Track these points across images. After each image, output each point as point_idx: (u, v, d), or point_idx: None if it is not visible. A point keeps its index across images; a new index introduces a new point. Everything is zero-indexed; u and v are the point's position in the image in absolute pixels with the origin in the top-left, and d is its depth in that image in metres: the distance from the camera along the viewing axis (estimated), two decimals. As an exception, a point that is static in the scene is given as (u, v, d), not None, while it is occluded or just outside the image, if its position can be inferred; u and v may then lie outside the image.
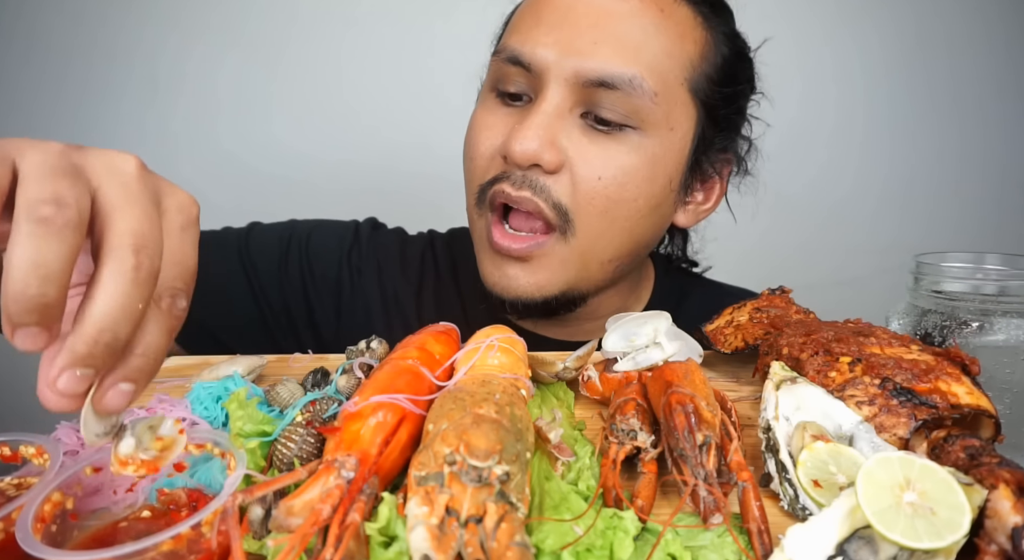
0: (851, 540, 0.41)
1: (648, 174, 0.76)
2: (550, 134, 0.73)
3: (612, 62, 0.72)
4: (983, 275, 0.66)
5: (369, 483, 0.44)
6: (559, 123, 0.74)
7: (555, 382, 0.69)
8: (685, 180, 0.83)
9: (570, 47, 0.73)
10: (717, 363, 0.78)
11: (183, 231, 0.39)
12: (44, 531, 0.41)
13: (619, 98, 0.73)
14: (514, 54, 0.76)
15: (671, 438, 0.51)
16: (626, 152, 0.75)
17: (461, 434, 0.44)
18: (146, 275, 0.35)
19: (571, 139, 0.75)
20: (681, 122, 0.78)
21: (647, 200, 0.78)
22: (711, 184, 0.90)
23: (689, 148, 0.81)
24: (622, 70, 0.72)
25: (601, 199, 0.75)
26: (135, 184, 0.37)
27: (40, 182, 0.33)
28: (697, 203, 0.90)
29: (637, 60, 0.73)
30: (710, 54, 0.80)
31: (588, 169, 0.74)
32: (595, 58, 0.72)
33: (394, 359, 0.59)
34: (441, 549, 0.37)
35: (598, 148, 0.75)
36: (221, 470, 0.49)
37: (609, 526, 0.44)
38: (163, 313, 0.37)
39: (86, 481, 0.47)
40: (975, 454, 0.45)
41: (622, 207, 0.76)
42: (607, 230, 0.77)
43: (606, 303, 0.93)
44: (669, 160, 0.78)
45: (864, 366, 0.55)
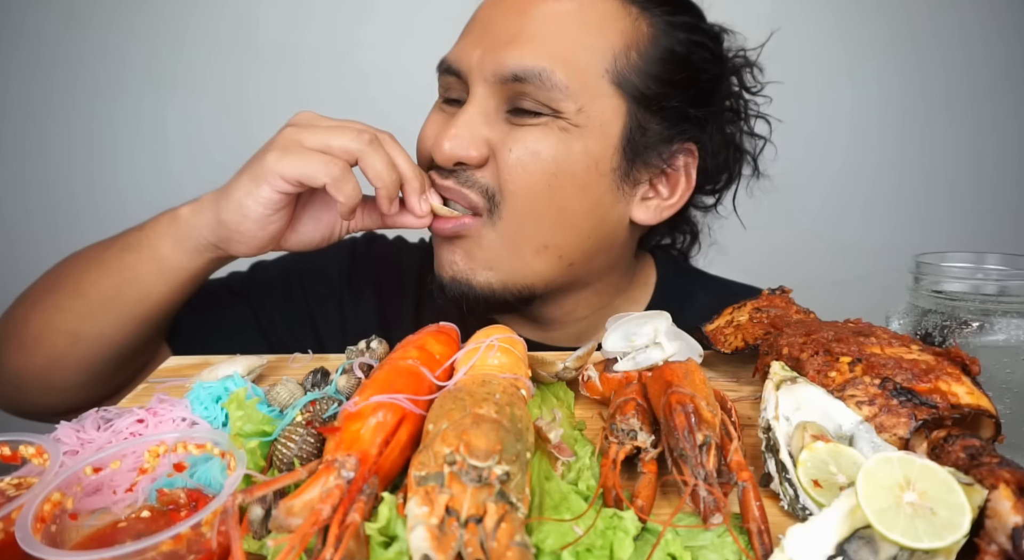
0: (851, 540, 0.41)
1: (562, 154, 0.78)
2: (471, 132, 0.78)
3: (523, 58, 0.76)
4: (983, 275, 0.66)
5: (369, 483, 0.44)
6: (483, 121, 0.79)
7: (555, 382, 0.69)
8: (623, 167, 0.82)
9: (489, 49, 0.78)
10: (717, 363, 0.78)
11: (406, 159, 0.78)
12: (44, 531, 0.41)
13: (533, 90, 0.76)
14: (446, 64, 0.83)
15: (671, 438, 0.51)
16: (541, 136, 0.78)
17: (461, 434, 0.44)
18: (391, 142, 0.80)
19: (495, 132, 0.79)
20: (602, 112, 0.79)
21: (568, 178, 0.79)
22: (674, 179, 0.87)
23: (618, 136, 0.80)
24: (531, 64, 0.76)
25: (518, 176, 0.78)
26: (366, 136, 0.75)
27: None
28: (661, 198, 0.88)
29: (548, 54, 0.76)
30: (645, 46, 0.80)
31: (506, 154, 0.78)
32: (509, 56, 0.77)
33: (394, 359, 0.59)
34: (441, 549, 0.37)
35: (515, 133, 0.78)
36: (221, 470, 0.49)
37: (609, 526, 0.44)
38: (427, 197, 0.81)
39: (86, 481, 0.47)
40: (975, 454, 0.45)
41: (540, 183, 0.78)
42: (533, 210, 0.80)
43: (584, 304, 0.93)
44: (588, 144, 0.79)
45: (864, 366, 0.55)
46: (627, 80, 0.79)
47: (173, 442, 0.50)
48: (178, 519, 0.46)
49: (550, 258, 0.83)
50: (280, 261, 1.05)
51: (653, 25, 0.81)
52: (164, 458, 0.50)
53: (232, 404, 0.58)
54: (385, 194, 0.76)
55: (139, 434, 0.55)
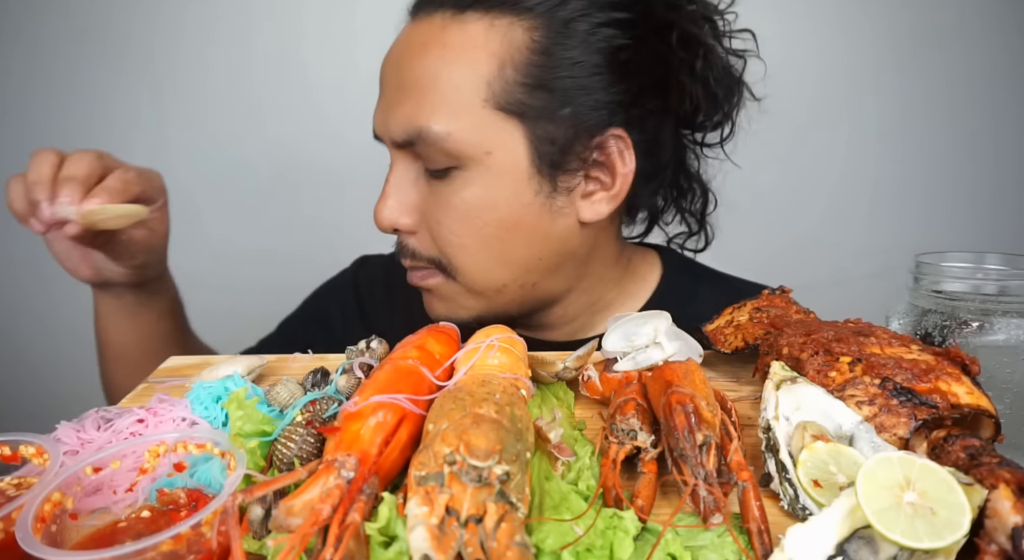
0: (851, 540, 0.41)
1: (483, 203, 0.77)
2: (398, 199, 0.80)
3: (405, 120, 0.75)
4: (983, 275, 0.66)
5: (369, 483, 0.44)
6: (407, 184, 0.80)
7: (555, 382, 0.69)
8: (546, 187, 0.78)
9: (384, 115, 0.79)
10: (717, 363, 0.78)
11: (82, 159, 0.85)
12: (44, 531, 0.41)
13: (425, 149, 0.75)
14: (374, 132, 0.84)
15: (671, 438, 0.51)
16: (454, 192, 0.77)
17: (461, 434, 0.44)
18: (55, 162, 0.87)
19: (420, 194, 0.80)
20: (498, 142, 0.75)
21: (497, 225, 0.78)
22: (609, 168, 0.81)
23: (525, 161, 0.76)
24: (411, 125, 0.75)
25: (452, 239, 0.79)
26: None
27: None
28: (605, 190, 0.82)
29: (422, 110, 0.74)
30: (518, 57, 0.74)
31: (433, 218, 0.79)
32: (394, 122, 0.77)
33: (394, 359, 0.59)
34: (441, 549, 0.37)
35: (435, 196, 0.78)
36: (221, 470, 0.49)
37: (609, 526, 0.44)
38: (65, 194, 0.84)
39: (86, 481, 0.47)
40: (975, 454, 0.45)
41: (472, 240, 0.78)
42: (476, 263, 0.80)
43: (573, 306, 0.93)
44: (502, 182, 0.76)
45: (864, 366, 0.55)
46: (511, 101, 0.74)
47: (173, 442, 0.50)
48: (178, 519, 0.46)
49: (513, 290, 0.84)
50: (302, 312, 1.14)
51: (531, 29, 0.74)
52: (164, 458, 0.50)
53: (232, 404, 0.58)
54: None
55: (139, 434, 0.55)
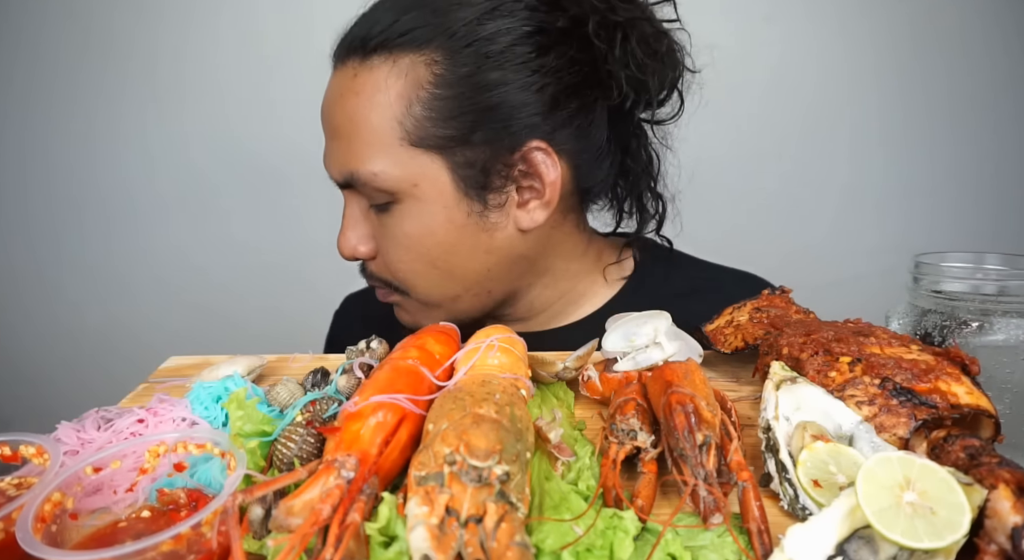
0: (851, 540, 0.41)
1: (422, 231, 0.81)
2: (356, 232, 0.85)
3: (336, 165, 0.81)
4: (983, 275, 0.66)
5: (369, 483, 0.44)
6: (360, 218, 0.85)
7: (555, 382, 0.69)
8: (475, 207, 0.80)
9: (326, 159, 0.84)
10: (717, 363, 0.78)
11: None
12: (44, 531, 0.42)
13: (361, 187, 0.81)
14: None
15: (671, 438, 0.51)
16: (396, 223, 0.82)
17: (461, 434, 0.44)
18: None
19: (373, 225, 0.85)
20: (422, 174, 0.78)
21: (437, 248, 0.83)
22: (533, 177, 0.81)
23: (450, 186, 0.79)
24: (344, 169, 0.80)
25: (400, 266, 0.85)
26: None
27: None
28: (539, 197, 0.82)
29: (348, 154, 0.79)
30: (422, 94, 0.76)
31: (383, 247, 0.85)
32: (332, 166, 0.83)
33: (394, 359, 0.59)
34: (441, 549, 0.37)
35: (382, 227, 0.84)
36: (221, 470, 0.49)
37: (609, 526, 0.44)
38: None
39: (86, 481, 0.47)
40: (975, 454, 0.45)
41: (417, 265, 0.84)
42: (425, 283, 0.86)
43: (541, 298, 0.94)
44: (434, 209, 0.80)
45: (864, 366, 0.55)
46: (423, 135, 0.77)
47: (173, 442, 0.50)
48: (178, 519, 0.46)
49: (468, 299, 0.88)
50: None
51: (431, 63, 0.76)
52: (164, 458, 0.50)
53: (232, 404, 0.58)
54: None
55: (139, 434, 0.55)
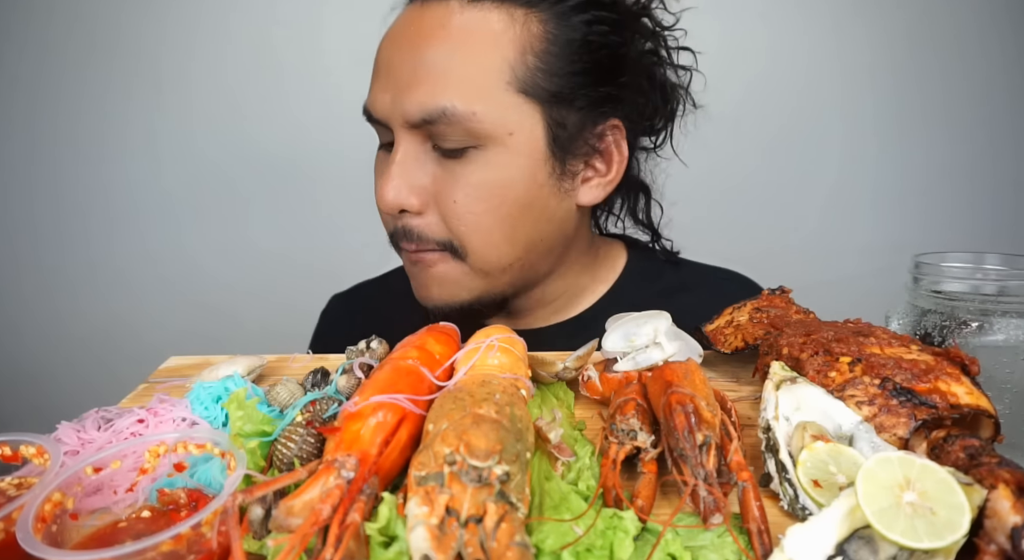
0: (851, 540, 0.41)
1: (502, 181, 0.79)
2: (406, 180, 0.79)
3: (426, 99, 0.76)
4: (983, 275, 0.66)
5: (369, 483, 0.44)
6: (414, 165, 0.80)
7: (555, 382, 0.69)
8: (556, 169, 0.83)
9: (396, 93, 0.78)
10: (717, 363, 0.78)
11: None
12: (44, 531, 0.42)
13: (446, 128, 0.77)
14: (366, 111, 0.83)
15: (671, 438, 0.51)
16: (473, 171, 0.79)
17: (461, 434, 0.44)
18: None
19: (428, 174, 0.80)
20: (520, 124, 0.79)
21: (513, 204, 0.81)
22: (607, 155, 0.87)
23: (543, 143, 0.80)
24: (435, 104, 0.76)
25: (468, 218, 0.80)
26: None
27: None
28: (600, 176, 0.88)
29: (447, 89, 0.76)
30: (538, 45, 0.78)
31: (446, 197, 0.80)
32: (412, 99, 0.77)
33: (394, 359, 0.59)
34: (441, 549, 0.37)
35: (449, 175, 0.79)
36: (221, 470, 0.49)
37: (609, 526, 0.44)
38: None
39: (86, 481, 0.47)
40: (975, 454, 0.45)
41: (488, 218, 0.80)
42: (489, 242, 0.82)
43: (550, 290, 0.96)
44: (521, 162, 0.80)
45: (864, 366, 0.55)
46: (532, 85, 0.78)
47: (173, 442, 0.50)
48: (178, 519, 0.46)
49: (515, 269, 0.86)
50: None
51: (544, 21, 0.79)
52: (164, 458, 0.50)
53: (232, 404, 0.58)
54: None
55: (139, 434, 0.55)
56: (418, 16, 0.79)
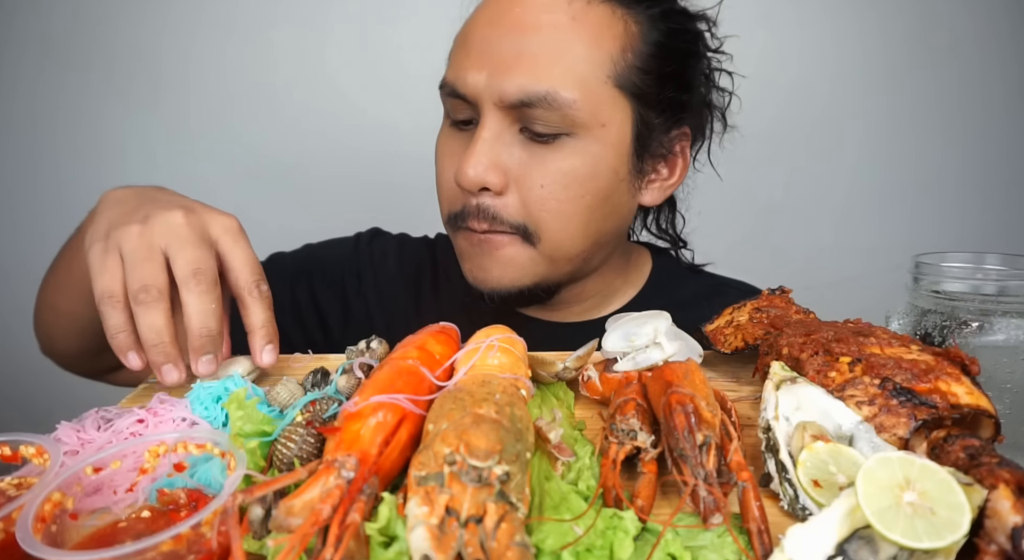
0: (851, 540, 0.41)
1: (589, 171, 0.81)
2: (491, 158, 0.79)
3: (528, 82, 0.77)
4: (983, 275, 0.66)
5: (369, 483, 0.44)
6: (500, 144, 0.80)
7: (555, 382, 0.69)
8: (635, 166, 0.86)
9: (493, 72, 0.78)
10: (717, 363, 0.78)
11: (235, 243, 0.65)
12: (44, 531, 0.41)
13: (543, 112, 0.78)
14: (450, 87, 0.83)
15: (671, 438, 0.51)
16: (563, 157, 0.80)
17: (461, 434, 0.44)
18: (206, 286, 0.61)
19: (513, 156, 0.81)
20: (612, 117, 0.81)
21: (595, 195, 0.83)
22: (673, 161, 0.92)
23: (629, 138, 0.84)
24: (537, 88, 0.77)
25: (551, 204, 0.81)
26: (183, 230, 0.62)
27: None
28: (663, 179, 0.93)
29: (551, 75, 0.77)
30: (636, 44, 0.82)
31: (531, 180, 0.81)
32: (513, 80, 0.77)
33: (394, 359, 0.59)
34: (441, 549, 0.37)
35: (537, 160, 0.80)
36: (221, 470, 0.49)
37: (609, 526, 0.44)
38: (256, 298, 0.65)
39: (86, 481, 0.47)
40: (975, 454, 0.45)
41: (570, 206, 0.82)
42: (565, 230, 0.84)
43: (590, 287, 0.98)
44: (608, 154, 0.82)
45: (864, 366, 0.55)
46: (628, 81, 0.81)
47: (173, 442, 0.50)
48: (178, 519, 0.46)
49: (579, 261, 0.89)
50: (294, 256, 1.12)
51: (639, 22, 0.82)
52: (164, 458, 0.50)
53: (232, 404, 0.57)
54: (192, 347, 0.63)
55: (139, 434, 0.55)
56: (521, 1, 0.80)
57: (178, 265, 0.61)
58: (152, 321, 0.60)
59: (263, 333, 0.65)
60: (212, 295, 0.61)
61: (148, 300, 0.60)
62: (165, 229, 0.62)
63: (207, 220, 0.65)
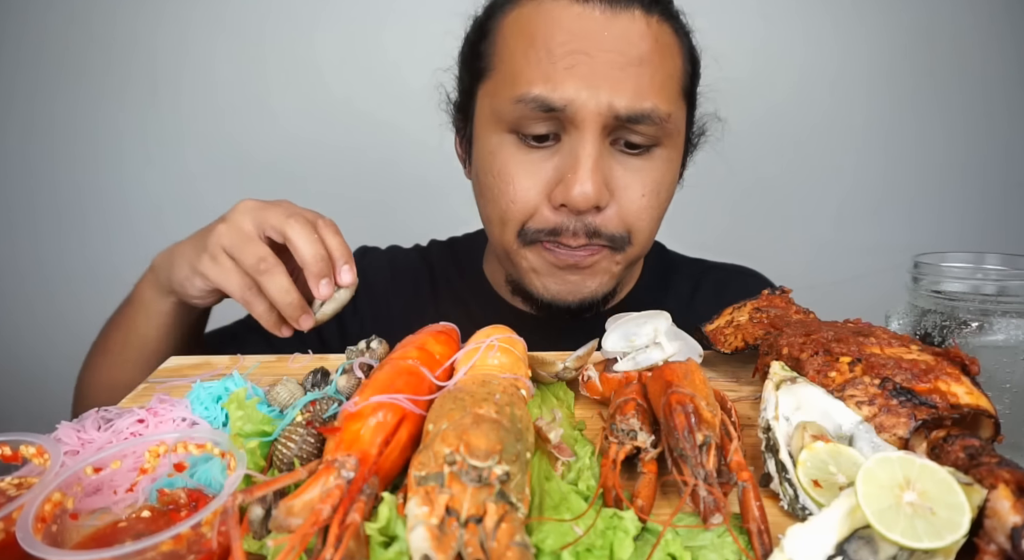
0: (851, 540, 0.41)
1: (673, 177, 0.89)
2: (600, 177, 0.80)
3: (634, 99, 0.79)
4: (983, 275, 0.66)
5: (369, 483, 0.44)
6: (602, 161, 0.81)
7: (555, 382, 0.69)
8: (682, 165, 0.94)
9: (597, 91, 0.78)
10: (717, 363, 0.78)
11: (335, 234, 0.76)
12: (44, 531, 0.41)
13: (644, 128, 0.81)
14: (544, 102, 0.79)
15: (671, 438, 0.51)
16: (656, 167, 0.85)
17: (461, 434, 0.44)
18: (303, 222, 0.74)
19: (612, 171, 0.83)
20: (680, 123, 0.88)
21: (669, 197, 0.90)
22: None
23: (684, 138, 0.92)
24: (642, 105, 0.79)
25: (647, 213, 0.86)
26: (254, 211, 0.76)
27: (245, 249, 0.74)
28: None
29: (652, 92, 0.80)
30: (686, 56, 0.88)
31: (630, 192, 0.84)
32: (622, 96, 0.79)
33: (394, 359, 0.59)
34: (441, 549, 0.37)
35: (633, 172, 0.84)
36: (221, 470, 0.49)
37: (609, 526, 0.44)
38: (323, 227, 0.76)
39: (86, 481, 0.47)
40: (975, 454, 0.45)
41: (659, 212, 0.88)
42: (651, 234, 0.90)
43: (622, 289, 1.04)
44: (678, 158, 0.90)
45: (864, 366, 0.55)
46: (687, 90, 0.89)
47: (173, 442, 0.50)
48: (178, 519, 0.46)
49: (641, 263, 0.95)
50: None
51: (679, 34, 0.87)
52: (164, 458, 0.50)
53: (232, 404, 0.58)
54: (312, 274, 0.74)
55: (139, 434, 0.55)
56: (608, 17, 0.80)
57: (271, 225, 0.74)
58: (278, 283, 0.72)
59: (338, 254, 0.75)
60: (310, 228, 0.73)
61: (267, 268, 0.72)
62: (241, 215, 0.75)
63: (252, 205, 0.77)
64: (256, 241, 0.74)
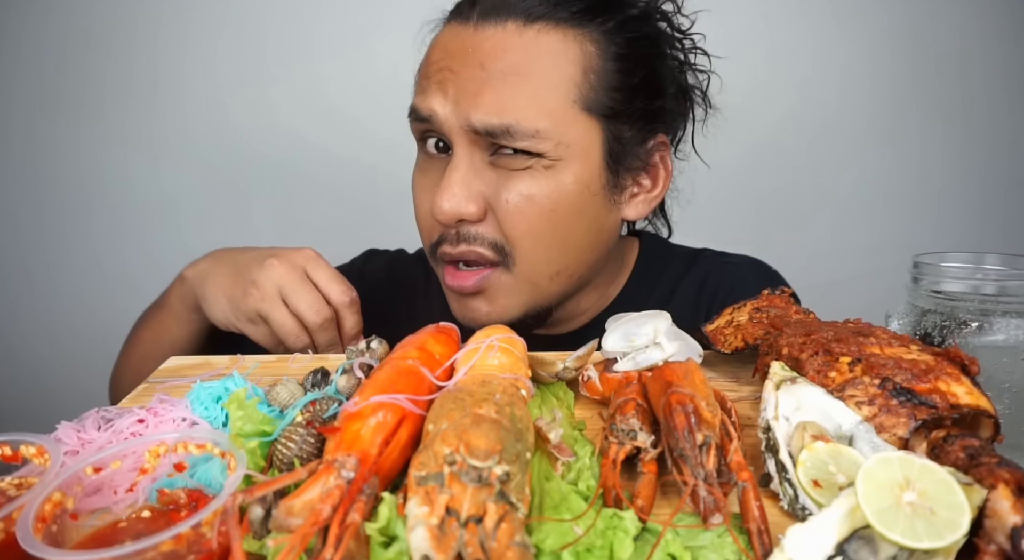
0: (851, 540, 0.41)
1: (557, 190, 0.82)
2: (465, 189, 0.80)
3: (490, 115, 0.78)
4: (983, 275, 0.66)
5: (369, 483, 0.44)
6: (471, 172, 0.81)
7: (555, 382, 0.69)
8: (610, 181, 0.86)
9: (458, 104, 0.79)
10: (717, 363, 0.78)
11: (353, 314, 0.89)
12: (45, 531, 0.41)
13: (509, 141, 0.79)
14: (416, 112, 0.84)
15: (671, 438, 0.51)
16: (531, 178, 0.81)
17: (461, 434, 0.44)
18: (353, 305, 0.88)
19: (486, 182, 0.82)
20: (580, 138, 0.82)
21: (565, 209, 0.83)
22: (654, 172, 0.92)
23: (600, 154, 0.84)
24: (499, 121, 0.78)
25: (522, 224, 0.82)
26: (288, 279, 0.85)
27: None
28: (646, 192, 0.92)
29: (515, 107, 0.78)
30: (596, 63, 0.81)
31: (504, 203, 0.81)
32: (477, 113, 0.78)
33: (394, 359, 0.59)
34: (441, 549, 0.37)
35: (508, 182, 0.81)
36: (221, 470, 0.49)
37: (609, 526, 0.44)
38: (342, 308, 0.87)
39: (86, 481, 0.47)
40: (975, 454, 0.45)
41: (542, 223, 0.82)
42: (541, 248, 0.84)
43: (584, 301, 0.99)
44: (577, 173, 0.82)
45: (864, 366, 0.55)
46: (594, 101, 0.81)
47: (173, 442, 0.50)
48: (178, 519, 0.46)
49: (562, 280, 0.89)
50: None
51: (595, 40, 0.82)
52: (164, 458, 0.50)
53: (232, 404, 0.58)
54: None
55: (139, 434, 0.55)
56: (475, 33, 0.81)
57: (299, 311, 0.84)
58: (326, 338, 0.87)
59: (350, 335, 0.88)
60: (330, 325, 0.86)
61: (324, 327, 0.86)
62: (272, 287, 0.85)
63: (291, 255, 0.86)
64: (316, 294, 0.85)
